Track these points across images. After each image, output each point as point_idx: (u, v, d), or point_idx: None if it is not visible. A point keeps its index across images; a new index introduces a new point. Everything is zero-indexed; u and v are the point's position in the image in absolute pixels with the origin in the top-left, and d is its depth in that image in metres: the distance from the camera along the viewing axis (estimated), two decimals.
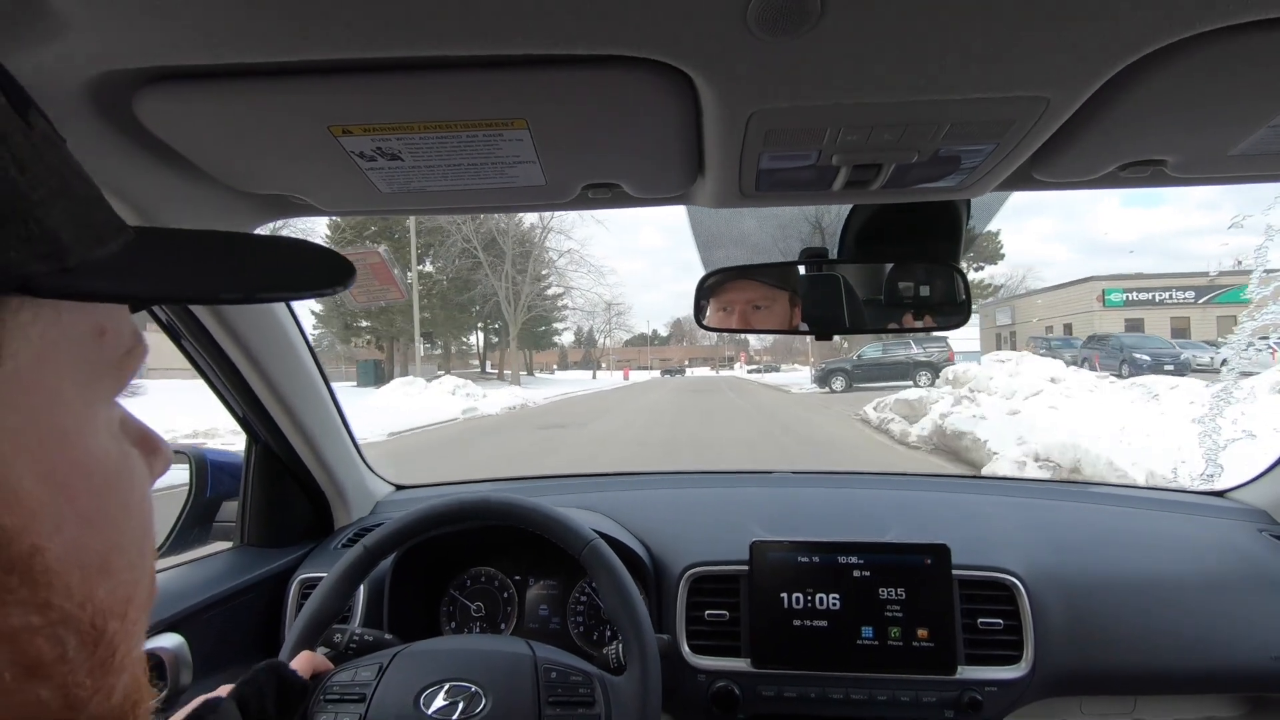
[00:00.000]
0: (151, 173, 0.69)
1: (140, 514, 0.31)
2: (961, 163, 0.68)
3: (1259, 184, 0.75)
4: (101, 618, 0.27)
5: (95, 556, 0.27)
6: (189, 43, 0.48)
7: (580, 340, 68.92)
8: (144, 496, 0.32)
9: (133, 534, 0.30)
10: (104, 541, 0.28)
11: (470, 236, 30.54)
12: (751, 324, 1.04)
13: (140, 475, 0.32)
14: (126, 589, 0.29)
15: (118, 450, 0.30)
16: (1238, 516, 1.31)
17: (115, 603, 0.28)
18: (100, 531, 0.28)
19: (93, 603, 0.27)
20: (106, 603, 0.28)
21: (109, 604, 0.28)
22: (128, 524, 0.30)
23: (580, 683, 0.83)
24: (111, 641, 0.28)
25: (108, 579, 0.28)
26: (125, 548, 0.29)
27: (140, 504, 0.31)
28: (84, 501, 0.27)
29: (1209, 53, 0.49)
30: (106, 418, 0.30)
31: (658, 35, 0.47)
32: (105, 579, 0.28)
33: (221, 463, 1.31)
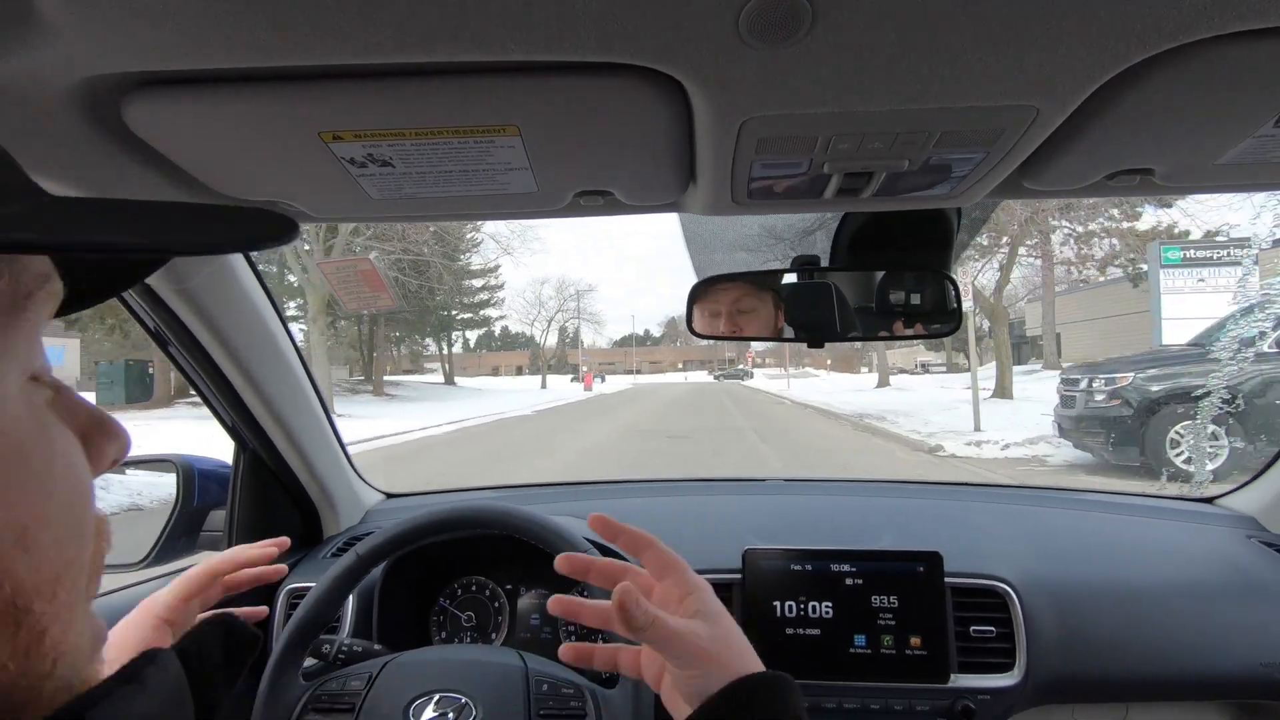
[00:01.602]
0: (140, 179, 0.68)
1: (69, 489, 0.29)
2: (952, 171, 0.68)
3: (1245, 194, 0.76)
4: (23, 596, 0.26)
5: (11, 530, 0.26)
6: (178, 48, 0.47)
7: (547, 338, 62.22)
8: (72, 471, 0.30)
9: (59, 509, 0.28)
10: (20, 514, 0.26)
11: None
12: (739, 326, 1.04)
13: (65, 451, 0.30)
14: (54, 567, 0.28)
15: (33, 421, 0.28)
16: (1227, 523, 1.32)
17: (41, 581, 0.27)
18: (14, 504, 0.26)
19: (12, 580, 0.26)
20: (29, 582, 0.26)
21: (32, 582, 0.26)
22: (49, 497, 0.28)
23: (572, 695, 0.82)
24: (38, 623, 0.27)
25: (28, 555, 0.26)
26: (51, 522, 0.28)
27: (68, 477, 0.29)
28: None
29: (1196, 63, 0.50)
30: (20, 386, 0.28)
31: (649, 43, 0.47)
32: (24, 555, 0.26)
33: (209, 471, 1.30)
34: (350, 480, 1.45)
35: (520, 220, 0.83)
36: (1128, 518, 1.33)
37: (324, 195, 0.72)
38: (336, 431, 1.38)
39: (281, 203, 0.77)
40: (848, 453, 10.11)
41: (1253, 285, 5.81)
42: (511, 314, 60.93)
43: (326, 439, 1.34)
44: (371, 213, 0.77)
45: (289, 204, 0.76)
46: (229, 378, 1.10)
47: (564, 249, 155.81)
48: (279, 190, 0.72)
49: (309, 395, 1.25)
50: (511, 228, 29.23)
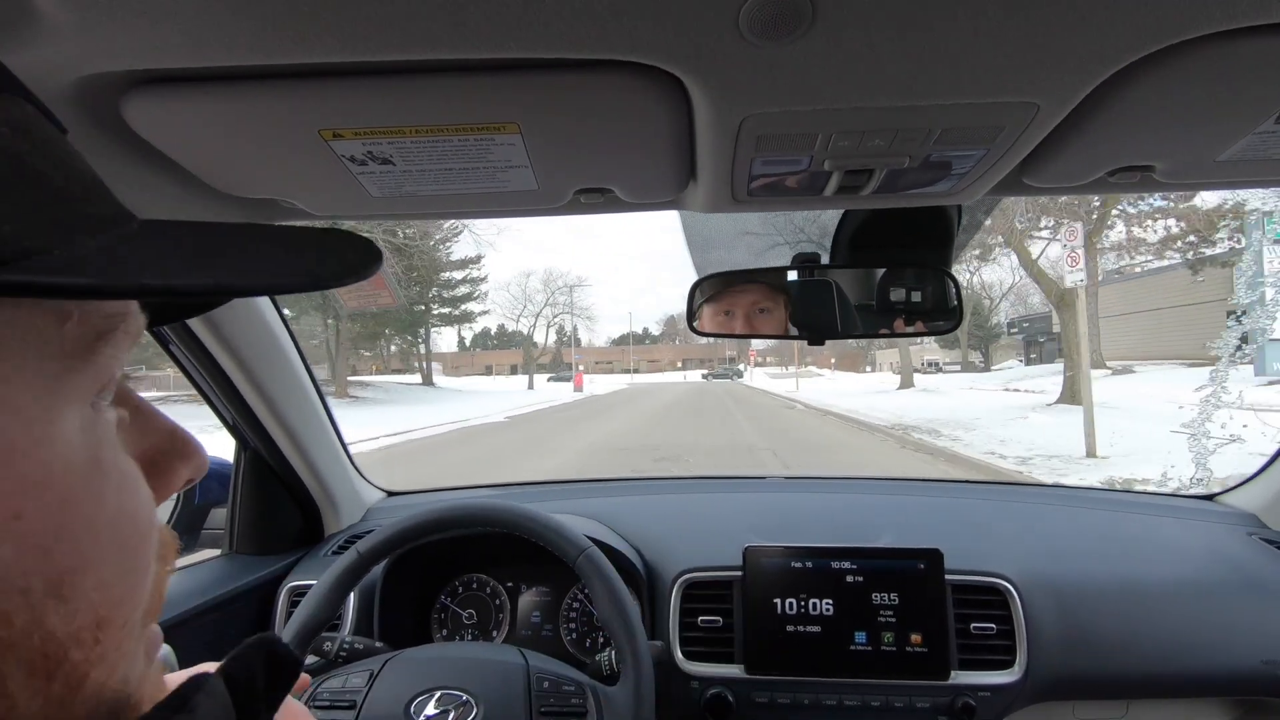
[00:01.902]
0: (140, 177, 0.68)
1: (119, 529, 0.27)
2: (952, 168, 0.68)
3: (1246, 189, 0.76)
4: (57, 647, 0.25)
5: (44, 581, 0.24)
6: (177, 46, 0.47)
7: (538, 336, 58.82)
8: (124, 509, 0.28)
9: (106, 552, 0.26)
10: (57, 565, 0.25)
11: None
12: (739, 324, 1.04)
13: (121, 485, 0.28)
14: (95, 611, 0.26)
15: (85, 461, 0.26)
16: (1227, 520, 1.32)
17: (79, 629, 0.25)
18: (51, 555, 0.24)
19: (41, 631, 0.24)
20: (64, 631, 0.25)
21: (67, 631, 0.25)
22: (94, 543, 0.26)
23: (573, 692, 0.82)
24: (76, 670, 0.25)
25: (62, 604, 0.25)
26: (94, 566, 0.26)
27: (120, 518, 0.27)
28: (30, 522, 0.24)
29: (1196, 59, 0.50)
30: (81, 421, 0.26)
31: (650, 40, 0.47)
32: (59, 604, 0.25)
33: (210, 469, 1.30)
34: (351, 478, 1.45)
35: (520, 218, 0.83)
36: (1128, 515, 1.33)
37: (324, 193, 0.72)
38: (337, 429, 1.38)
39: (282, 200, 0.77)
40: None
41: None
42: (496, 309, 58.34)
43: (327, 437, 1.34)
44: (372, 211, 0.77)
45: (289, 202, 0.76)
46: (230, 376, 1.10)
47: (561, 247, 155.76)
48: (279, 188, 0.72)
49: (309, 393, 1.25)
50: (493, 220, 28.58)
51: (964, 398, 17.43)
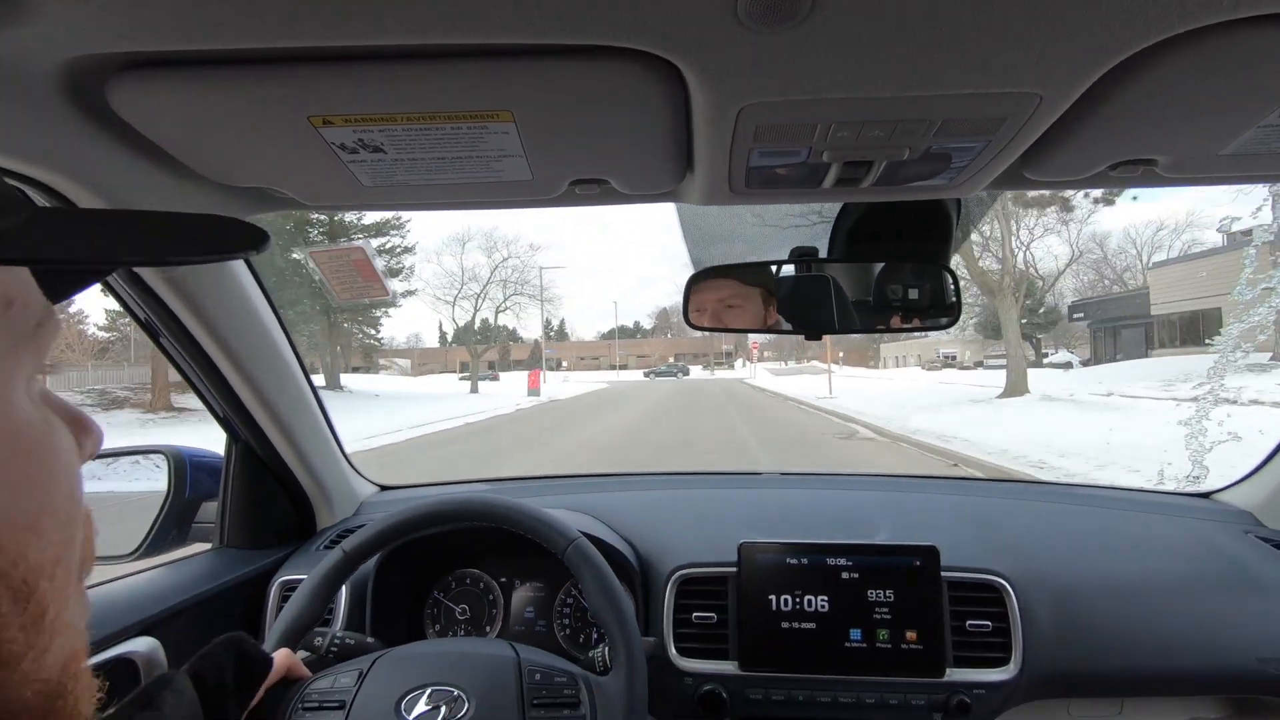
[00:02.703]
0: (126, 164, 0.67)
1: (68, 480, 0.32)
2: (953, 161, 0.67)
3: (1249, 184, 0.75)
4: (33, 575, 0.29)
5: (25, 517, 0.29)
6: (163, 28, 0.46)
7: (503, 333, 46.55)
8: (70, 465, 0.33)
9: (60, 498, 0.31)
10: (33, 503, 0.29)
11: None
12: (725, 322, 1.03)
13: (65, 444, 0.33)
14: (55, 549, 0.30)
15: (40, 418, 0.31)
16: (1223, 518, 1.31)
17: (45, 562, 0.30)
18: (28, 494, 0.29)
19: (25, 561, 0.28)
20: (37, 562, 0.29)
21: (39, 563, 0.29)
22: (55, 488, 0.31)
23: (565, 683, 0.82)
24: (42, 600, 0.29)
25: (38, 539, 0.29)
26: (55, 509, 0.31)
27: (67, 471, 0.32)
28: (11, 466, 0.29)
29: (1201, 51, 0.49)
30: (27, 389, 0.31)
31: (646, 25, 0.46)
32: (36, 538, 0.29)
33: (201, 462, 1.28)
34: (344, 472, 1.44)
35: (515, 209, 0.83)
36: (1125, 512, 1.33)
37: (314, 182, 0.71)
38: (330, 422, 1.37)
39: (273, 190, 0.76)
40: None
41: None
42: (426, 288, 46.57)
43: (320, 430, 1.33)
44: (364, 200, 0.76)
45: (279, 191, 0.75)
46: (220, 368, 1.09)
47: (557, 242, 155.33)
48: (268, 176, 0.71)
49: (301, 385, 1.24)
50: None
51: (1146, 418, 10.14)
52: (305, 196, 0.76)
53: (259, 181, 0.72)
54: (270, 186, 0.74)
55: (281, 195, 0.77)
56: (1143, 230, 40.14)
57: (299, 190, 0.74)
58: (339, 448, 1.42)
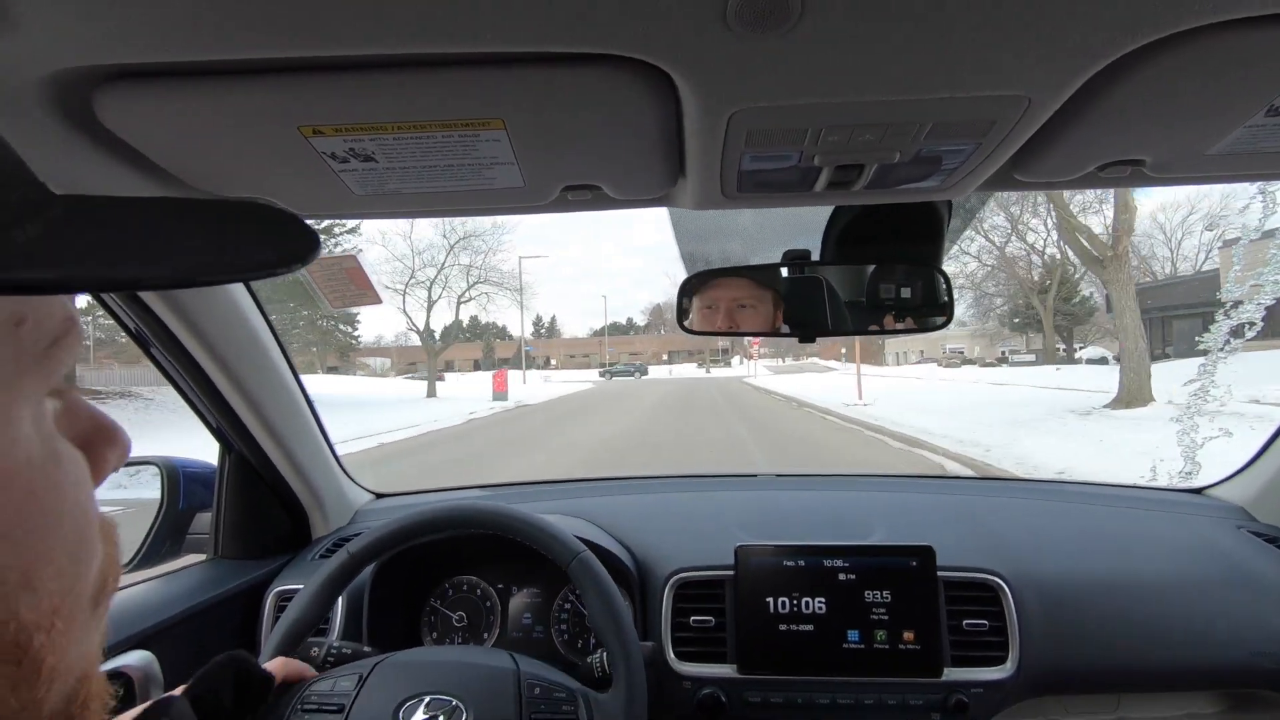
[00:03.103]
0: (114, 176, 0.66)
1: (74, 518, 0.28)
2: (943, 163, 0.68)
3: (1236, 184, 0.76)
4: (25, 634, 0.26)
5: (15, 573, 0.25)
6: (150, 40, 0.46)
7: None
8: (78, 500, 0.29)
9: (63, 542, 0.28)
10: (26, 556, 0.26)
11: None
12: (737, 323, 1.03)
13: (75, 476, 0.29)
14: (53, 600, 0.27)
15: (43, 455, 0.27)
16: (1216, 513, 1.32)
17: (40, 617, 0.26)
18: (20, 547, 0.26)
19: (16, 621, 0.25)
20: (30, 619, 0.26)
21: (33, 619, 0.26)
22: (56, 533, 0.27)
23: (564, 699, 0.81)
24: (36, 656, 0.26)
25: (31, 594, 0.26)
26: (53, 557, 0.27)
27: (74, 507, 0.29)
28: (1, 519, 0.25)
29: (1188, 52, 0.49)
30: (33, 417, 0.27)
31: (636, 33, 0.46)
32: (28, 594, 0.26)
33: (194, 473, 1.28)
34: (338, 480, 1.43)
35: (509, 215, 0.82)
36: (1119, 509, 1.34)
37: (305, 191, 0.71)
38: (324, 431, 1.36)
39: (262, 200, 0.75)
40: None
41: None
42: (373, 275, 47.74)
43: (313, 439, 1.32)
44: (356, 209, 0.76)
45: (269, 201, 0.74)
46: (212, 378, 1.08)
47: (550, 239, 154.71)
48: (258, 186, 0.71)
49: (294, 393, 1.23)
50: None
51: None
52: (296, 206, 0.76)
53: (249, 192, 0.72)
54: (260, 197, 0.74)
55: (271, 205, 0.76)
56: (1171, 215, 37.63)
57: (290, 200, 0.74)
58: (333, 456, 1.41)
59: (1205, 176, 0.73)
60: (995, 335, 41.41)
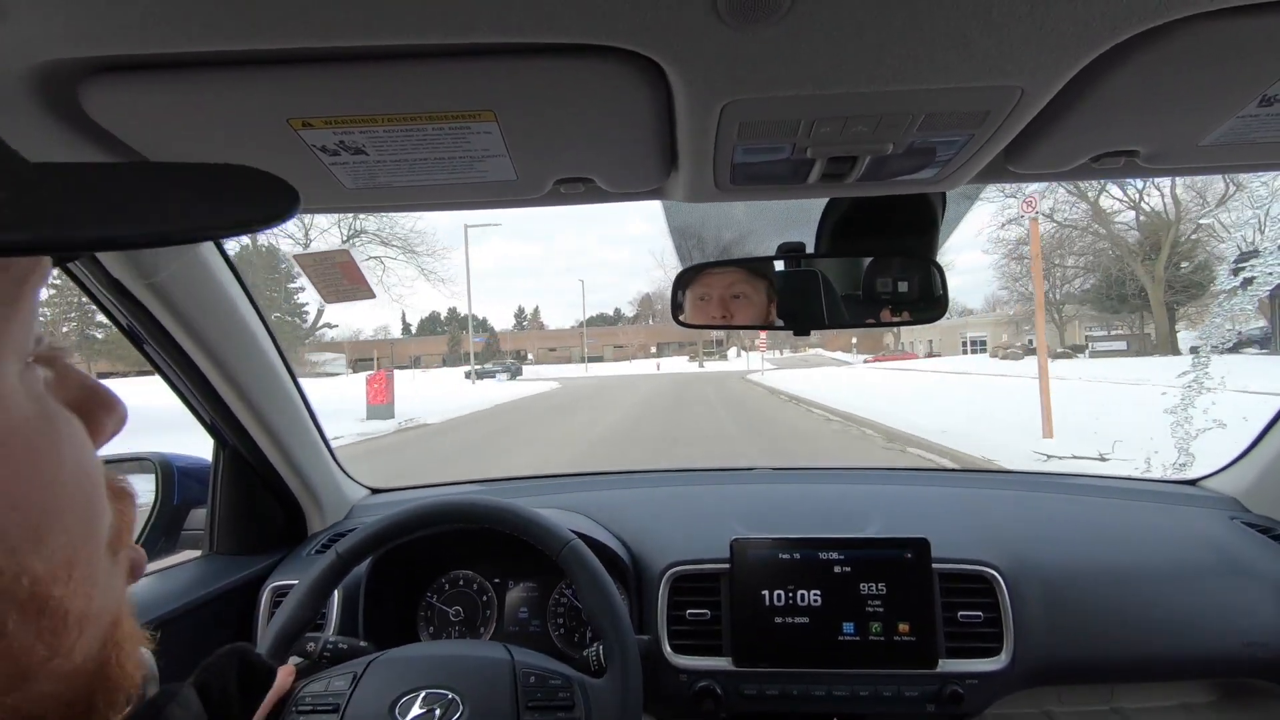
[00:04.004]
0: None
1: (76, 475, 0.29)
2: (937, 155, 0.67)
3: (1229, 174, 0.76)
4: (42, 586, 0.27)
5: (24, 530, 0.26)
6: (137, 31, 0.45)
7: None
8: (79, 459, 0.30)
9: (68, 497, 0.29)
10: (32, 514, 0.27)
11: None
12: (730, 313, 1.03)
13: (71, 437, 0.30)
14: (66, 552, 0.28)
15: (37, 413, 0.28)
16: (1210, 505, 1.33)
17: (55, 569, 0.27)
18: (25, 505, 0.26)
19: (29, 574, 0.26)
20: (44, 571, 0.27)
21: (47, 571, 0.27)
22: (59, 490, 0.28)
23: (559, 686, 0.82)
24: (59, 606, 0.27)
25: (42, 548, 0.27)
26: (60, 513, 0.28)
27: (76, 465, 0.29)
28: (1, 479, 0.26)
29: (1181, 41, 0.49)
30: (22, 377, 0.28)
31: (626, 23, 0.46)
32: (39, 549, 0.27)
33: (188, 469, 1.28)
34: (334, 476, 1.43)
35: (502, 209, 0.82)
36: (1113, 501, 1.34)
37: (296, 184, 0.70)
38: (319, 426, 1.36)
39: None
40: None
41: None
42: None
43: (308, 434, 1.32)
44: (347, 202, 0.75)
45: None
46: (205, 373, 1.08)
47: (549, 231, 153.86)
48: None
49: (288, 389, 1.23)
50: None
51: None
52: None
53: None
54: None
55: None
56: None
57: None
58: (329, 451, 1.41)
59: (1199, 167, 0.74)
60: (1024, 321, 36.77)
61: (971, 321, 48.93)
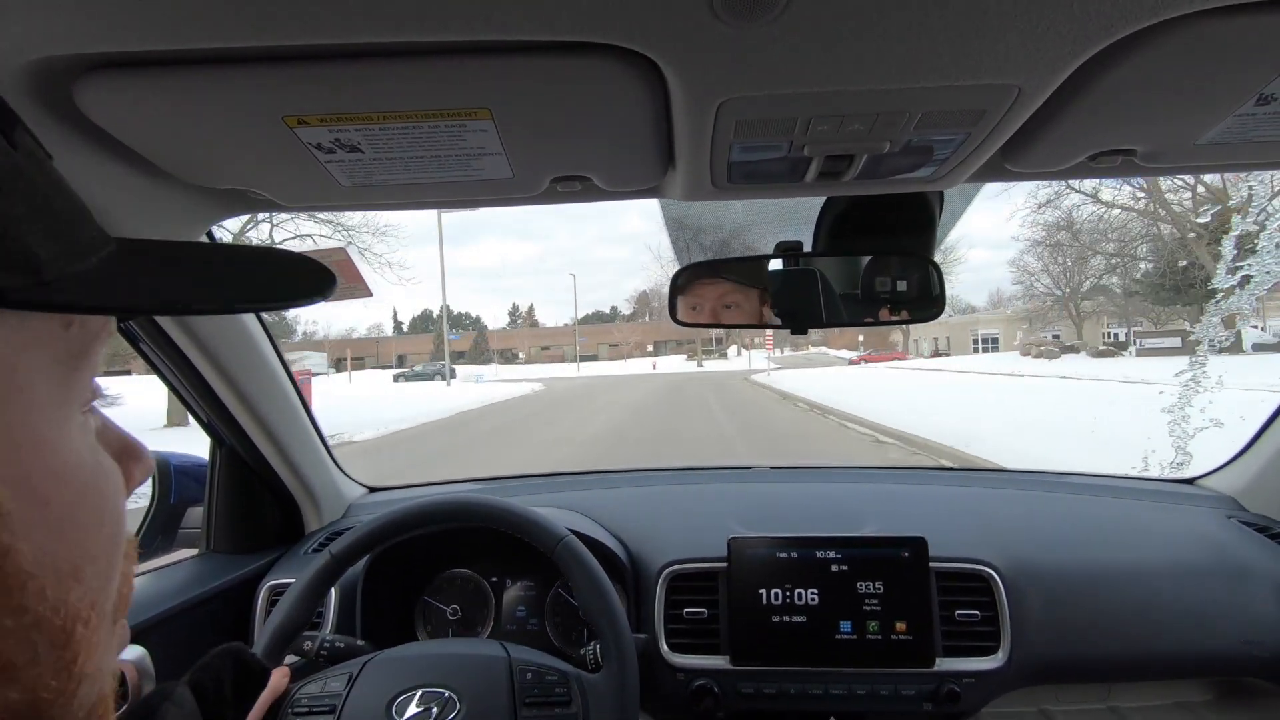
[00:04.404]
0: (99, 167, 0.66)
1: (112, 523, 0.31)
2: (934, 153, 0.67)
3: (1226, 173, 0.76)
4: (71, 622, 0.28)
5: (68, 563, 0.28)
6: (131, 29, 0.45)
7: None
8: (116, 506, 0.32)
9: (104, 543, 0.30)
10: (76, 549, 0.28)
11: None
12: (721, 320, 1.03)
13: (115, 485, 0.32)
14: (93, 595, 0.29)
15: (92, 460, 0.30)
16: (1207, 504, 1.33)
17: (83, 608, 0.29)
18: (72, 539, 0.28)
19: (65, 607, 0.27)
20: (76, 608, 0.28)
21: (78, 609, 0.28)
22: (100, 533, 0.30)
23: (556, 682, 0.82)
24: (76, 646, 0.28)
25: (79, 585, 0.28)
26: (96, 556, 0.29)
27: (113, 514, 0.31)
28: (57, 509, 0.27)
29: (1178, 40, 0.49)
30: (82, 425, 0.30)
31: (622, 21, 0.46)
32: (77, 585, 0.28)
33: (186, 467, 1.27)
34: (331, 474, 1.43)
35: (501, 207, 0.82)
36: (1110, 500, 1.34)
37: (291, 182, 0.70)
38: (316, 425, 1.36)
39: (250, 191, 0.75)
40: None
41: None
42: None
43: (305, 433, 1.31)
44: (342, 200, 0.75)
45: (256, 192, 0.74)
46: (202, 373, 1.07)
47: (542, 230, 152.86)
48: (244, 178, 0.70)
49: (285, 387, 1.23)
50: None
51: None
52: (282, 197, 0.75)
53: (235, 183, 0.71)
54: (246, 188, 0.73)
55: (258, 196, 0.76)
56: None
57: (276, 191, 0.73)
58: (326, 450, 1.40)
59: (1196, 166, 0.74)
60: (1038, 317, 34.93)
61: (983, 318, 46.88)
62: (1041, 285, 32.78)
